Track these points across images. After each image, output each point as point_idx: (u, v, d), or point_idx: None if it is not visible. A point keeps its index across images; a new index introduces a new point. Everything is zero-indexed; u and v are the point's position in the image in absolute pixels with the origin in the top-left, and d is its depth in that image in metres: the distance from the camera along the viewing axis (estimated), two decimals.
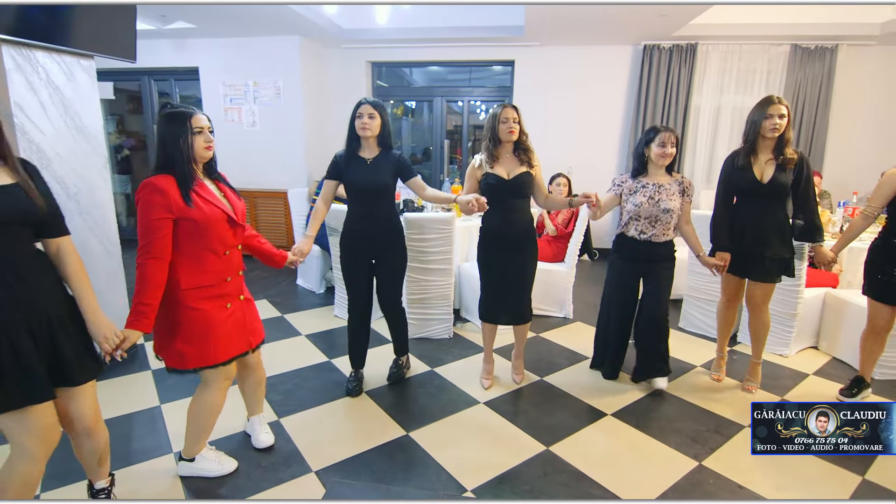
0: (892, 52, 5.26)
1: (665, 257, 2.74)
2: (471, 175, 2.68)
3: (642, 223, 2.68)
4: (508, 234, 2.66)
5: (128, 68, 5.53)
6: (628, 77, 5.77)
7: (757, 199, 2.62)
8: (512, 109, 2.58)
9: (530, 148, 2.64)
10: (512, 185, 2.59)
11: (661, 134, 2.61)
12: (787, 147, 2.55)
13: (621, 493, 2.06)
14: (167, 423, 2.52)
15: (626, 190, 2.72)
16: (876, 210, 2.50)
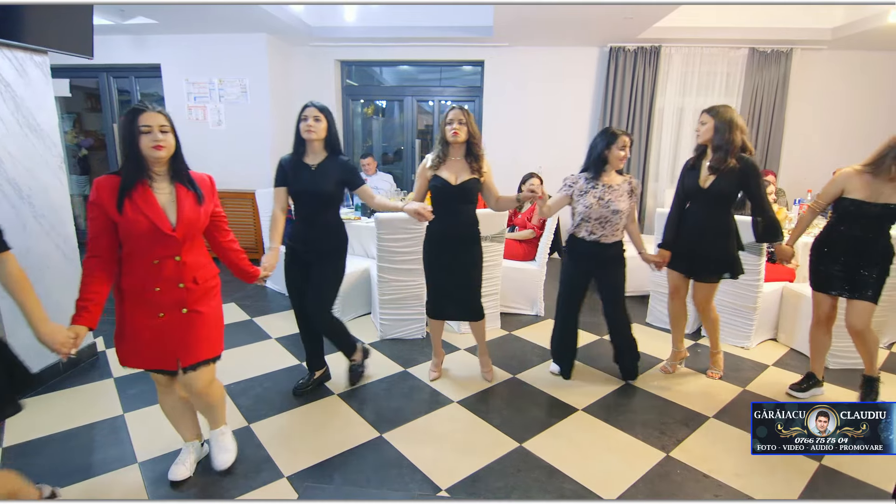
0: (843, 56, 5.52)
1: (614, 259, 2.78)
2: (421, 174, 2.67)
3: (592, 224, 2.71)
4: (452, 237, 2.68)
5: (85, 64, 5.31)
6: (595, 78, 5.88)
7: (699, 203, 2.75)
8: (459, 111, 2.56)
9: (481, 155, 2.62)
10: (458, 190, 2.59)
11: (620, 137, 2.65)
12: (719, 153, 2.61)
13: (592, 487, 2.10)
14: (131, 432, 2.44)
15: (577, 191, 2.73)
16: (822, 205, 2.61)
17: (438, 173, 2.60)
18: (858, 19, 4.83)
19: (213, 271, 2.00)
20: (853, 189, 2.46)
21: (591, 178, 2.72)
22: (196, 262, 1.91)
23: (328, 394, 2.83)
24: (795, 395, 2.85)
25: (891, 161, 2.35)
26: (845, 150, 5.57)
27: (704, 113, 2.70)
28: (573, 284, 2.86)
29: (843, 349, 3.17)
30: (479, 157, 2.61)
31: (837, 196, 2.54)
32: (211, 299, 1.98)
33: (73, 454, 2.27)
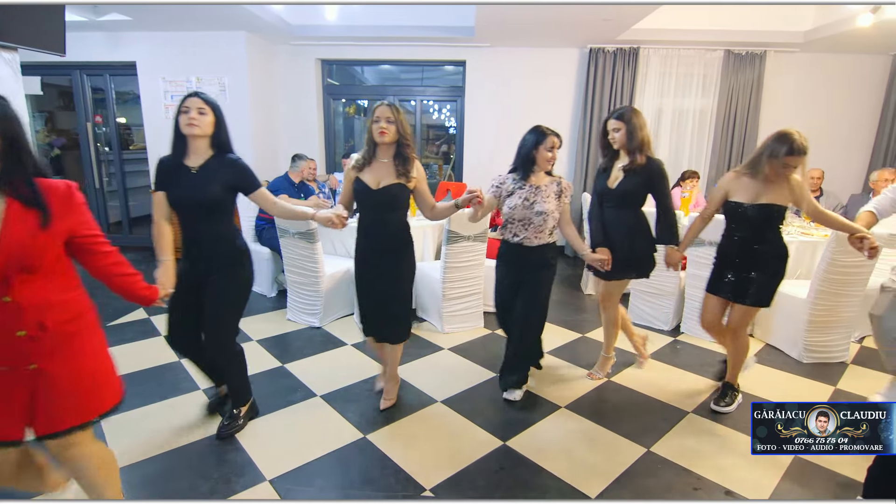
0: (814, 58, 5.68)
1: (539, 264, 2.64)
2: (346, 175, 2.45)
3: (516, 226, 2.61)
4: (375, 250, 2.44)
5: (57, 62, 5.19)
6: (575, 78, 5.94)
7: (609, 203, 2.75)
8: (387, 108, 2.29)
9: (411, 157, 2.36)
10: (378, 196, 2.34)
11: (549, 138, 2.54)
12: (635, 154, 2.60)
13: (575, 483, 2.12)
14: (107, 439, 2.38)
15: (504, 191, 2.63)
16: (710, 211, 2.65)
17: (361, 176, 2.36)
18: (829, 23, 4.97)
19: (75, 310, 1.52)
20: (735, 192, 2.49)
21: (518, 179, 2.61)
22: (44, 300, 1.41)
23: (310, 395, 2.80)
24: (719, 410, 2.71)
25: (766, 161, 2.35)
26: (816, 150, 5.71)
27: (615, 119, 2.64)
28: (502, 289, 2.76)
29: (817, 343, 3.27)
30: (407, 160, 2.35)
31: (722, 200, 2.55)
32: (74, 348, 1.49)
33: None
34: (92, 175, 6.04)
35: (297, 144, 6.07)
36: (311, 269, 3.66)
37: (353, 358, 3.07)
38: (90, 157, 5.99)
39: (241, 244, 2.27)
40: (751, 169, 2.44)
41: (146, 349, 3.35)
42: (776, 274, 2.51)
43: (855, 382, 3.05)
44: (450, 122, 7.05)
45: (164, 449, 2.28)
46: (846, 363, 3.30)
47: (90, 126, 5.92)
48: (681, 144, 5.94)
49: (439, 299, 3.64)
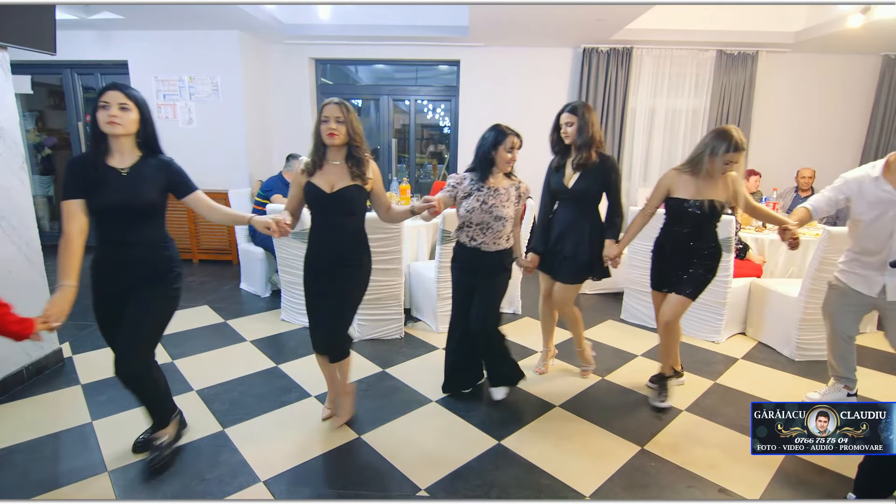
0: (805, 58, 5.73)
1: (496, 268, 2.55)
2: (295, 180, 2.28)
3: (473, 230, 2.50)
4: (326, 256, 2.26)
5: (48, 61, 5.15)
6: (569, 78, 5.96)
7: (565, 203, 2.71)
8: (335, 107, 2.14)
9: (365, 159, 2.23)
10: (333, 200, 2.19)
11: (509, 137, 2.43)
12: (589, 151, 2.59)
13: (569, 482, 2.13)
14: (100, 440, 2.37)
15: (461, 192, 2.49)
16: (652, 208, 2.65)
17: (312, 180, 2.20)
18: (819, 23, 5.01)
19: None
20: (676, 189, 2.53)
21: (476, 180, 2.49)
22: None
23: (304, 396, 2.80)
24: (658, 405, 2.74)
25: (707, 158, 2.41)
26: (807, 149, 5.79)
27: (568, 113, 2.62)
28: (459, 294, 2.66)
29: (809, 342, 3.29)
30: (361, 162, 2.22)
31: (664, 197, 2.59)
32: None
33: (39, 465, 2.19)
34: None
35: (291, 144, 6.04)
36: None
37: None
38: None
39: (174, 253, 2.10)
40: (692, 167, 2.48)
41: None
42: (710, 270, 2.58)
43: None
44: (444, 121, 7.04)
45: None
46: None
47: (81, 125, 5.87)
48: (674, 144, 5.97)
49: (434, 299, 3.65)
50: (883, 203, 2.33)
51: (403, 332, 3.62)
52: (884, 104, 5.70)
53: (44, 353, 2.97)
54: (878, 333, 3.79)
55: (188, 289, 4.58)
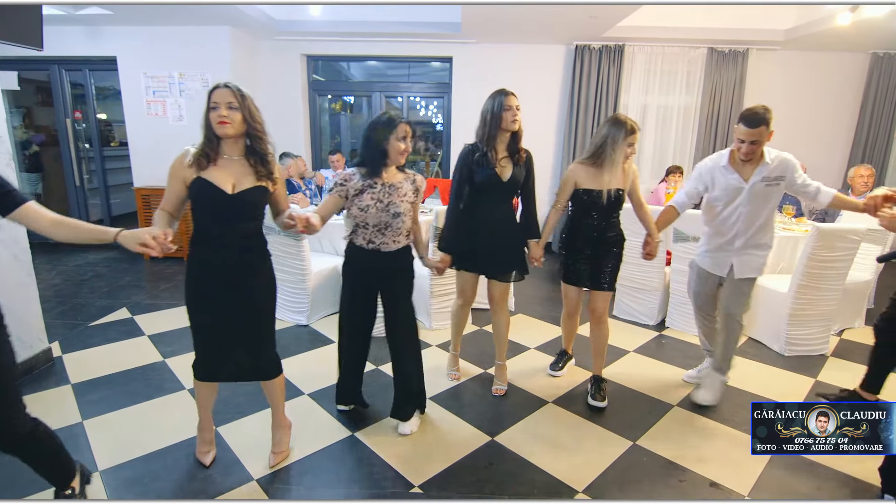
0: (795, 56, 5.78)
1: (399, 267, 2.34)
2: (175, 174, 1.87)
3: (370, 231, 2.24)
4: (232, 267, 1.91)
5: (35, 56, 5.08)
6: (562, 75, 5.97)
7: (495, 197, 2.54)
8: (226, 91, 1.85)
9: (269, 155, 1.94)
10: (237, 202, 1.87)
11: (400, 125, 2.18)
12: (519, 143, 2.54)
13: (562, 477, 2.14)
14: (91, 440, 2.35)
15: (352, 190, 2.22)
16: (562, 202, 2.66)
17: (205, 175, 1.84)
18: (809, 21, 5.06)
19: None
20: (583, 181, 2.58)
21: (367, 175, 2.22)
22: None
23: (298, 394, 2.79)
24: (554, 374, 3.02)
25: (609, 149, 2.48)
26: (797, 146, 5.81)
27: (515, 97, 2.52)
28: (356, 303, 2.39)
29: (798, 337, 3.33)
30: (265, 158, 1.93)
31: (572, 191, 2.62)
32: None
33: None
34: (72, 172, 5.92)
35: (283, 141, 6.01)
36: (297, 266, 3.63)
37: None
38: (70, 154, 5.87)
39: None
40: (595, 158, 2.54)
41: (130, 349, 3.30)
42: (619, 258, 2.68)
43: (835, 374, 3.12)
44: (437, 118, 7.03)
45: (149, 449, 2.25)
46: (826, 356, 3.37)
47: (69, 122, 5.80)
48: (665, 141, 6.00)
49: (427, 296, 3.64)
50: (732, 190, 2.53)
51: None
52: (872, 101, 5.76)
53: (33, 352, 2.94)
54: (865, 328, 3.84)
55: (177, 287, 4.55)
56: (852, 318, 3.83)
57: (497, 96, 2.49)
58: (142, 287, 4.61)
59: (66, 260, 5.43)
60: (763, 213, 2.54)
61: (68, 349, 3.26)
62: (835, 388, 2.93)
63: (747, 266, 2.59)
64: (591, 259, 2.65)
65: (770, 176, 2.48)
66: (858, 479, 2.15)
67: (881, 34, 4.99)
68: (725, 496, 2.07)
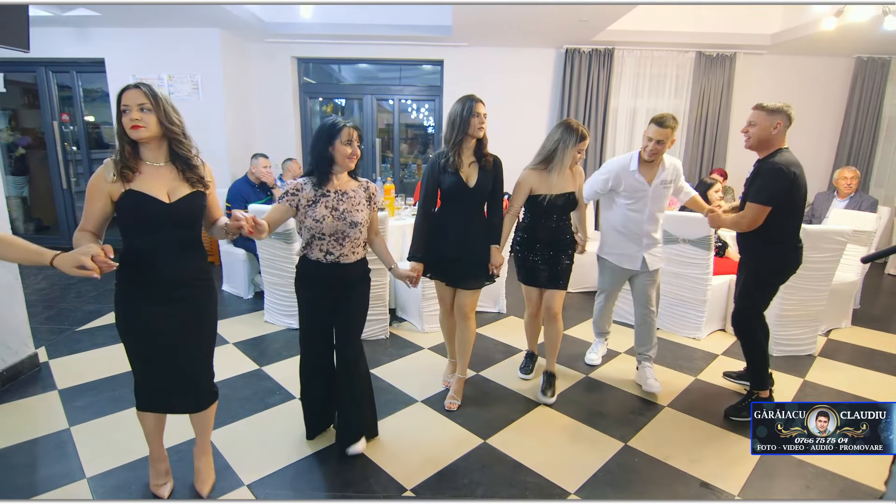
0: (782, 60, 5.86)
1: (358, 279, 2.24)
2: (99, 189, 1.69)
3: (327, 242, 2.12)
4: (170, 281, 1.77)
5: (21, 58, 5.01)
6: (552, 78, 6.00)
7: (462, 204, 2.52)
8: (137, 92, 1.67)
9: (192, 156, 1.80)
10: (176, 212, 1.74)
11: (345, 129, 2.07)
12: (485, 149, 2.52)
13: (554, 479, 2.15)
14: (78, 446, 2.31)
15: (304, 200, 2.11)
16: (517, 208, 2.70)
17: (135, 187, 1.69)
18: (795, 26, 5.13)
19: None
20: (537, 186, 2.64)
21: (318, 184, 2.12)
22: None
23: (289, 398, 2.77)
24: (524, 378, 3.05)
25: (560, 154, 2.57)
26: None
27: (482, 103, 2.48)
28: (314, 320, 2.24)
29: (785, 338, 3.37)
30: (189, 163, 1.79)
31: (526, 196, 2.67)
32: None
33: (15, 472, 2.13)
34: (59, 175, 5.85)
35: (274, 144, 5.99)
36: (288, 269, 3.61)
37: None
38: (57, 157, 5.80)
39: None
40: (547, 163, 2.63)
41: (118, 354, 3.25)
42: (570, 258, 2.78)
43: (822, 374, 3.16)
44: (428, 121, 7.04)
45: (138, 455, 2.22)
46: (814, 356, 3.41)
47: (56, 125, 5.73)
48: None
49: (419, 299, 3.64)
50: (638, 191, 2.75)
51: (389, 333, 3.61)
52: (857, 104, 5.85)
53: (19, 357, 2.90)
54: (852, 328, 3.90)
55: None
56: (839, 319, 3.88)
57: (466, 101, 2.46)
58: None
59: None
60: (660, 212, 2.82)
61: (55, 354, 3.22)
62: (822, 388, 2.98)
63: (657, 259, 2.87)
64: (548, 260, 2.72)
65: (666, 179, 2.76)
66: (847, 478, 2.17)
67: (865, 39, 5.08)
68: (716, 496, 2.08)
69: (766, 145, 2.46)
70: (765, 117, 2.42)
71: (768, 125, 2.42)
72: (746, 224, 2.46)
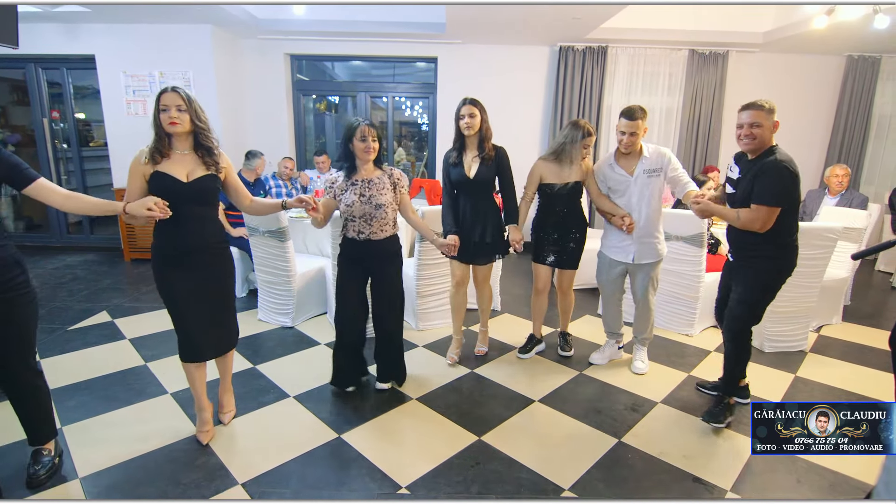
0: (774, 58, 5.89)
1: (389, 253, 2.65)
2: (135, 171, 2.08)
3: (358, 223, 2.57)
4: (192, 248, 2.15)
5: (10, 54, 4.97)
6: (546, 76, 6.01)
7: (468, 192, 2.92)
8: (175, 95, 2.06)
9: (214, 147, 2.18)
10: (191, 189, 2.10)
11: (359, 128, 2.50)
12: (487, 143, 2.87)
13: (549, 475, 2.16)
14: (70, 446, 2.30)
15: (338, 190, 2.58)
16: (530, 195, 3.03)
17: (161, 168, 2.07)
18: (787, 24, 5.16)
19: None
20: (546, 176, 2.97)
21: (347, 175, 2.59)
22: None
23: (283, 396, 2.77)
24: (521, 357, 3.28)
25: (570, 146, 2.88)
26: None
27: (469, 104, 2.82)
28: (352, 289, 2.66)
29: (778, 333, 3.40)
30: (212, 150, 2.17)
31: (538, 184, 3.00)
32: None
33: (7, 472, 2.12)
34: (49, 173, 5.80)
35: (267, 141, 5.96)
36: (282, 268, 3.60)
37: (327, 357, 3.03)
38: (47, 155, 5.75)
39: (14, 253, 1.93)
40: (557, 156, 2.93)
41: (110, 353, 3.24)
42: (581, 241, 3.06)
43: (813, 370, 3.19)
44: (422, 118, 7.02)
45: (131, 455, 2.21)
46: (805, 352, 3.44)
47: (46, 122, 5.68)
48: (648, 142, 6.05)
49: (414, 296, 3.64)
50: (622, 183, 2.88)
51: None
52: (848, 102, 5.90)
53: None
54: (843, 324, 3.94)
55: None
56: (830, 315, 3.92)
57: (458, 104, 2.87)
58: (122, 290, 4.53)
59: (43, 263, 5.32)
60: (651, 202, 2.86)
61: (46, 354, 3.19)
62: (813, 384, 3.01)
63: (646, 252, 2.93)
64: (557, 242, 3.03)
65: (650, 168, 2.84)
66: (837, 473, 2.20)
67: (856, 37, 5.11)
68: (709, 491, 2.10)
69: (765, 145, 2.38)
70: (766, 117, 2.33)
71: (771, 125, 2.35)
72: (758, 227, 2.31)
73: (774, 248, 2.40)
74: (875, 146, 6.09)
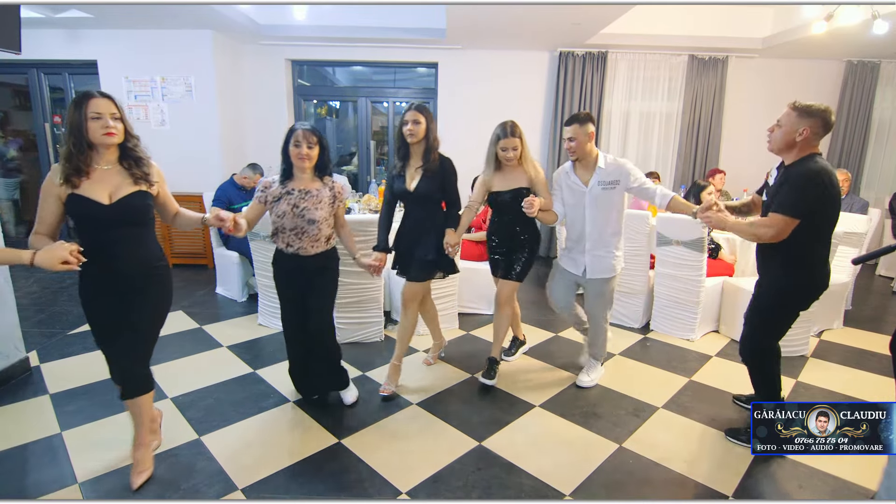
0: (772, 63, 5.91)
1: (318, 269, 2.46)
2: (49, 192, 1.84)
3: (288, 235, 2.38)
4: (124, 273, 1.92)
5: (12, 60, 4.99)
6: (546, 81, 6.03)
7: (409, 204, 2.80)
8: (107, 102, 1.82)
9: (144, 157, 1.94)
10: (116, 211, 1.85)
11: (296, 132, 2.32)
12: (433, 153, 2.65)
13: (549, 481, 2.15)
14: (70, 451, 2.29)
15: (271, 197, 2.37)
16: (476, 203, 2.86)
17: (78, 191, 1.82)
18: (785, 30, 5.18)
19: None
20: (493, 184, 2.81)
21: (283, 182, 2.37)
22: None
23: (283, 401, 2.76)
24: (507, 359, 3.28)
25: (490, 148, 2.74)
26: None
27: (414, 111, 2.60)
28: (287, 304, 2.53)
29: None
30: (141, 161, 1.92)
31: (486, 193, 2.85)
32: None
33: (6, 477, 2.11)
34: None
35: (268, 146, 5.95)
36: None
37: None
38: (49, 159, 5.76)
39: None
40: (490, 164, 2.78)
41: None
42: (533, 252, 2.88)
43: (815, 375, 3.18)
44: None
45: (129, 460, 2.20)
46: (806, 357, 3.43)
47: (48, 127, 5.70)
48: (648, 147, 6.09)
49: None
50: (576, 193, 2.78)
51: (384, 335, 3.60)
52: (847, 107, 5.91)
53: (10, 362, 2.87)
54: (844, 329, 3.93)
55: None
56: (831, 320, 3.91)
57: (404, 112, 2.65)
58: None
59: None
60: (608, 215, 2.75)
61: (46, 358, 3.19)
62: (815, 389, 3.00)
63: (598, 266, 2.80)
64: (509, 252, 2.89)
65: (605, 180, 2.71)
66: (838, 478, 2.19)
67: (855, 42, 5.13)
68: (710, 496, 2.09)
69: (790, 150, 2.20)
70: (793, 120, 2.16)
71: (793, 129, 2.16)
72: (770, 237, 2.13)
73: (786, 266, 2.20)
74: (875, 151, 6.10)
